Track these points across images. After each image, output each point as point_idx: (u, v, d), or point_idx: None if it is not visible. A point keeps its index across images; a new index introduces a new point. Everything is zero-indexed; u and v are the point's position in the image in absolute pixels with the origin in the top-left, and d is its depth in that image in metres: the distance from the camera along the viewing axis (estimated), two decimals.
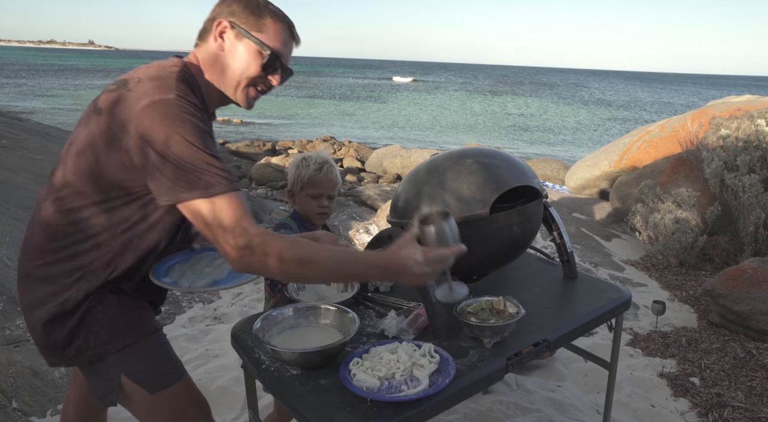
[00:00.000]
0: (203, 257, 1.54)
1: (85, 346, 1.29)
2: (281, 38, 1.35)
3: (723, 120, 5.13)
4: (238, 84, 1.34)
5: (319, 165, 1.88)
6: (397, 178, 9.33)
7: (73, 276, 1.27)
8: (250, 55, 1.32)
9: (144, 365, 1.35)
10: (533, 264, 2.12)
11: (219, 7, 1.34)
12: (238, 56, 1.32)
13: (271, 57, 1.33)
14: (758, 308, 3.08)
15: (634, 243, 4.92)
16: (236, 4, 1.33)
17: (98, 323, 1.29)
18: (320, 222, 1.96)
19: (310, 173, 1.87)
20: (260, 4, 1.34)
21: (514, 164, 1.76)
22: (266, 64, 1.33)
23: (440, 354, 1.37)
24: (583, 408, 2.53)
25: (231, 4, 1.33)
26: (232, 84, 1.34)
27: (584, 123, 24.96)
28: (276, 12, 1.35)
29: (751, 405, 2.52)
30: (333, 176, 1.90)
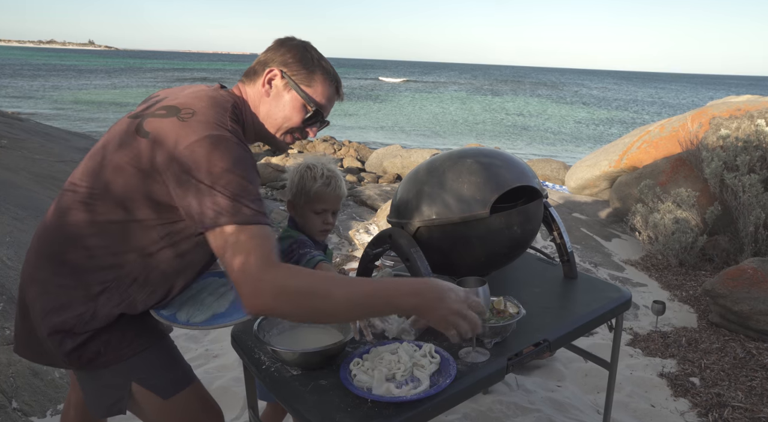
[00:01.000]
0: (207, 284, 1.50)
1: (95, 355, 1.27)
2: (327, 95, 1.38)
3: (723, 120, 5.13)
4: (278, 130, 1.37)
5: (327, 179, 1.74)
6: (397, 178, 9.33)
7: (94, 290, 1.25)
8: (294, 107, 1.35)
9: (156, 371, 1.35)
10: (533, 264, 2.12)
11: (273, 53, 1.36)
12: (283, 105, 1.34)
13: (315, 112, 1.36)
14: (758, 308, 3.08)
15: (634, 243, 4.92)
16: (290, 54, 1.35)
17: (108, 332, 1.28)
18: (321, 238, 1.83)
19: (317, 187, 1.73)
20: (313, 58, 1.36)
21: (514, 164, 1.76)
22: (308, 118, 1.36)
23: (441, 354, 1.37)
24: (583, 408, 2.53)
25: (285, 54, 1.35)
26: (272, 129, 1.37)
27: (584, 123, 24.96)
28: (327, 69, 1.37)
29: (751, 405, 2.52)
30: (341, 192, 1.77)
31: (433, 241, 1.68)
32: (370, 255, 1.78)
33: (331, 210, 1.78)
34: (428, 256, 1.61)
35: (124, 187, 1.20)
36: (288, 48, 1.35)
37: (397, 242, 1.64)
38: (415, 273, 1.58)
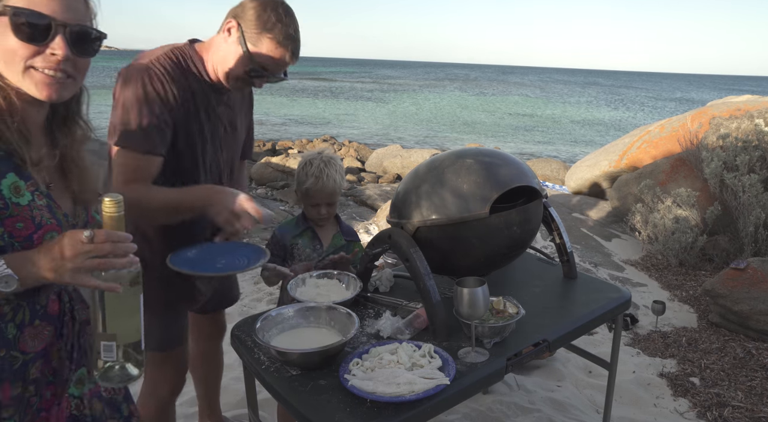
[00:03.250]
0: (221, 248, 1.60)
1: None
2: (273, 56, 1.51)
3: (723, 120, 5.14)
4: (227, 74, 1.55)
5: (317, 178, 1.84)
6: (397, 178, 9.33)
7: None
8: (239, 59, 1.51)
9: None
10: (533, 264, 2.12)
11: (242, 7, 1.51)
12: (232, 54, 1.51)
13: (253, 69, 1.51)
14: (758, 308, 3.08)
15: (634, 243, 4.92)
16: (252, 11, 1.48)
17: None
18: (322, 225, 1.97)
19: (307, 185, 1.86)
20: (270, 20, 1.47)
21: (514, 164, 1.76)
22: (250, 71, 1.52)
23: (440, 354, 1.37)
24: (583, 408, 2.53)
25: (249, 10, 1.49)
26: (223, 72, 1.55)
27: (583, 123, 24.97)
28: (281, 33, 1.48)
29: (750, 404, 2.52)
30: (329, 188, 1.86)
31: (433, 241, 1.68)
32: (369, 255, 1.78)
33: (324, 203, 1.90)
34: (428, 256, 1.61)
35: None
36: (255, 4, 1.49)
37: (397, 242, 1.64)
38: (415, 273, 1.58)
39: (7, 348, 0.99)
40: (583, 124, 24.28)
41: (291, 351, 1.35)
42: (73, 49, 0.96)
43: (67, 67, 0.97)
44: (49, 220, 0.99)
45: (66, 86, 0.99)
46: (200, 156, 1.62)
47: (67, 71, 0.97)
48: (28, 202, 0.97)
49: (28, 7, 0.91)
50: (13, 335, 0.99)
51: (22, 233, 0.95)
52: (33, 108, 1.01)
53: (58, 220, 1.02)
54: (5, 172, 0.95)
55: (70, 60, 0.96)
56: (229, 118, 1.70)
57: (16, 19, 0.90)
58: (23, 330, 1.01)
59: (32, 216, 0.96)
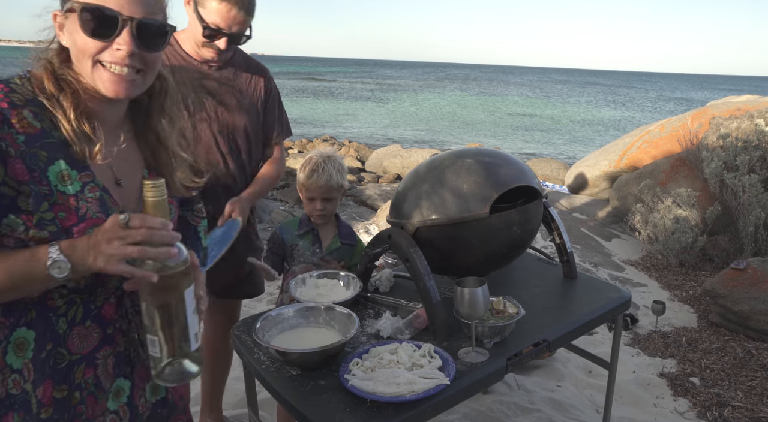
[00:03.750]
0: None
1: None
2: (221, 14, 1.65)
3: (723, 120, 5.14)
4: (197, 43, 1.72)
5: (312, 171, 1.90)
6: (397, 178, 9.33)
7: None
8: (196, 25, 1.69)
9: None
10: (533, 264, 2.12)
11: None
12: (192, 23, 1.71)
13: (206, 28, 1.67)
14: (758, 308, 3.08)
15: (634, 243, 4.92)
16: None
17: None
18: (320, 222, 1.97)
19: (302, 178, 1.93)
20: None
21: (514, 164, 1.76)
22: (205, 32, 1.68)
23: (440, 354, 1.37)
24: (583, 408, 2.53)
25: None
26: (193, 46, 1.74)
27: (583, 123, 24.97)
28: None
29: (750, 404, 2.52)
30: (323, 182, 1.89)
31: (433, 241, 1.68)
32: (369, 255, 1.78)
33: (319, 197, 1.92)
34: (428, 256, 1.61)
35: None
36: None
37: (397, 242, 1.64)
38: (415, 273, 1.58)
39: (55, 342, 0.96)
40: (583, 124, 24.27)
41: (291, 351, 1.35)
42: (140, 43, 0.94)
43: (134, 62, 0.95)
44: (95, 214, 0.95)
45: (135, 83, 0.97)
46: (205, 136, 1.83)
47: (135, 66, 0.96)
48: (75, 192, 0.94)
49: (96, 2, 0.91)
50: (63, 331, 0.97)
51: (63, 222, 0.92)
52: (105, 105, 1.00)
53: (107, 216, 0.96)
54: (54, 159, 0.93)
55: (136, 55, 0.95)
56: (220, 92, 1.84)
57: (84, 15, 0.91)
58: (73, 328, 0.98)
59: (77, 207, 0.93)
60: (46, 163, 0.92)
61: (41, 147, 0.91)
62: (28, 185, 0.90)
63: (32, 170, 0.90)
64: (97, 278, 0.97)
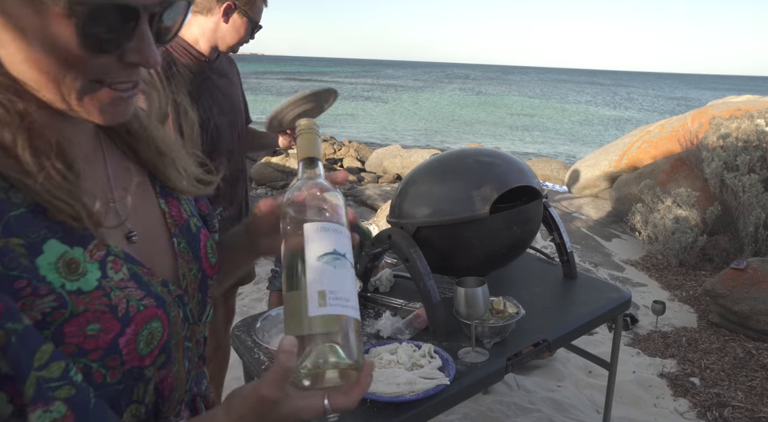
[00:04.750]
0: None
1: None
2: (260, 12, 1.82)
3: (723, 120, 5.13)
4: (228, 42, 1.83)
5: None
6: (397, 178, 9.33)
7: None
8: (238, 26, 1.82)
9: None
10: (533, 264, 2.12)
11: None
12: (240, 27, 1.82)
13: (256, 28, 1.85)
14: (758, 308, 3.08)
15: (634, 243, 4.92)
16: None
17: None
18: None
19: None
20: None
21: (514, 164, 1.76)
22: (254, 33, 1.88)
23: (440, 354, 1.37)
24: (583, 408, 2.53)
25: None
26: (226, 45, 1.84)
27: (583, 123, 24.97)
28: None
29: (751, 405, 2.52)
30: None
31: (433, 241, 1.68)
32: (369, 255, 1.78)
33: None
34: (428, 256, 1.61)
35: None
36: None
37: (397, 242, 1.64)
38: (415, 273, 1.58)
39: None
40: (583, 124, 24.27)
41: None
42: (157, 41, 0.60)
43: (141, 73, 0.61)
44: (140, 303, 0.60)
45: (134, 99, 0.62)
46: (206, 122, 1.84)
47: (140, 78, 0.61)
48: (97, 282, 0.57)
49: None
50: None
51: (100, 341, 0.55)
52: (70, 124, 0.61)
53: (156, 296, 0.62)
54: (41, 242, 0.54)
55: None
56: (222, 85, 1.89)
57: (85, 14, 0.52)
58: None
59: (111, 304, 0.57)
60: (29, 253, 0.53)
61: (6, 231, 0.52)
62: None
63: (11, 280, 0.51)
64: None
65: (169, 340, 0.63)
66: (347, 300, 0.61)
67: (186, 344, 0.69)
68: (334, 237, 0.64)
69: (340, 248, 0.64)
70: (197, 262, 0.73)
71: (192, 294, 0.71)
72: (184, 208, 0.76)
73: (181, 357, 0.68)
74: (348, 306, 0.61)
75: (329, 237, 0.64)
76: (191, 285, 0.71)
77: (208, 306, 0.75)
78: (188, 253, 0.73)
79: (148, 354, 0.60)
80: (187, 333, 0.69)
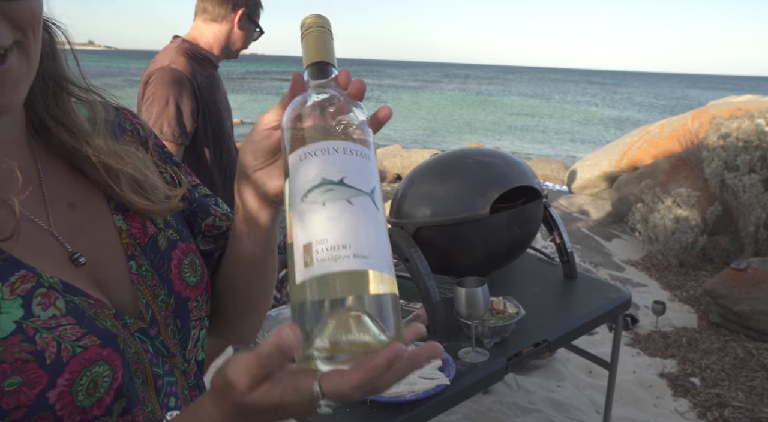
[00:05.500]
0: None
1: None
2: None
3: (723, 120, 5.13)
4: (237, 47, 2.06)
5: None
6: (397, 178, 9.33)
7: None
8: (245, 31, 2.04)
9: None
10: (533, 264, 2.12)
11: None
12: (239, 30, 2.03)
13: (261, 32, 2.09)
14: (758, 308, 3.08)
15: (634, 243, 4.92)
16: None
17: None
18: None
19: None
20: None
21: (515, 164, 1.76)
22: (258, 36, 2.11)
23: None
24: (583, 408, 2.53)
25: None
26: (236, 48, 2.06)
27: (583, 123, 24.97)
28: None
29: (751, 405, 2.52)
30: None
31: (433, 241, 1.67)
32: None
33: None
34: (428, 256, 1.61)
35: None
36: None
37: (397, 242, 1.64)
38: (415, 273, 1.57)
39: None
40: (583, 124, 24.28)
41: None
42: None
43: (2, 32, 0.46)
44: (77, 344, 0.48)
45: (20, 70, 0.48)
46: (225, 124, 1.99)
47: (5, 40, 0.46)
48: (16, 324, 0.45)
49: None
50: None
51: (22, 397, 0.44)
52: None
53: (101, 332, 0.51)
54: None
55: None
56: (223, 89, 2.04)
57: None
58: None
59: (35, 350, 0.46)
60: None
61: None
62: None
63: None
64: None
65: (127, 382, 0.51)
66: (351, 248, 0.41)
67: (166, 379, 0.58)
68: (330, 160, 0.44)
69: (340, 172, 0.43)
70: (165, 285, 0.60)
71: (164, 322, 0.59)
72: (153, 220, 0.63)
73: (155, 396, 0.56)
74: (360, 256, 0.41)
75: (321, 161, 0.44)
76: (161, 313, 0.59)
77: (195, 330, 0.63)
78: (152, 277, 0.59)
79: (95, 405, 0.48)
80: (164, 368, 0.58)
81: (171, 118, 1.70)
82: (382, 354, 0.39)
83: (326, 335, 0.40)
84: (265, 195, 0.58)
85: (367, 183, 0.44)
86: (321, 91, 0.51)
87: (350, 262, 0.41)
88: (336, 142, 0.45)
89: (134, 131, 0.68)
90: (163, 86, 1.71)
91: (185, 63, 1.79)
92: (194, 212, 0.71)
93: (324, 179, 0.43)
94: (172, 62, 1.77)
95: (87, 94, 0.61)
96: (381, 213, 0.45)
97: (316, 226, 0.42)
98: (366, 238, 0.42)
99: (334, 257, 0.41)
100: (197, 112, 1.79)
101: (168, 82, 1.72)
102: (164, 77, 1.73)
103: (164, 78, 1.72)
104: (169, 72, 1.74)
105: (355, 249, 0.41)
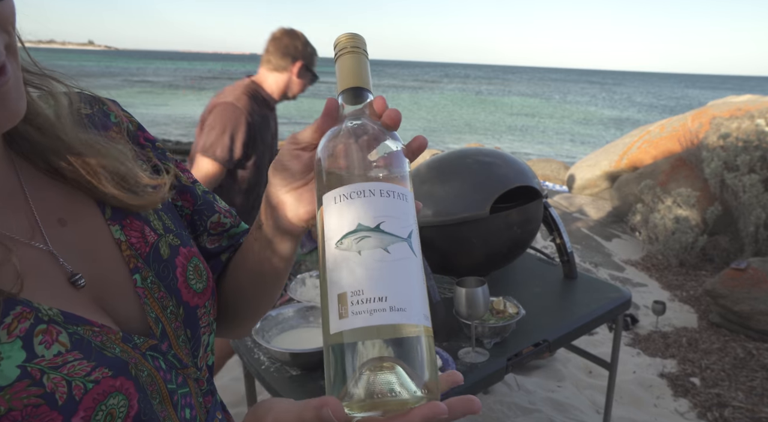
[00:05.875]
0: None
1: None
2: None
3: (723, 120, 5.13)
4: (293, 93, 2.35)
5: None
6: None
7: None
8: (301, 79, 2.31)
9: None
10: (533, 264, 2.12)
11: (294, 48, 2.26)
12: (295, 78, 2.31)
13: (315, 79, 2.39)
14: (758, 308, 3.08)
15: (634, 243, 4.92)
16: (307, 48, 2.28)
17: None
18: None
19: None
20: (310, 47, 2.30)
21: (514, 164, 1.76)
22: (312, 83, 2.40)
23: (440, 354, 1.37)
24: (583, 408, 2.53)
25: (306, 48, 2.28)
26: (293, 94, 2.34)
27: (583, 123, 24.97)
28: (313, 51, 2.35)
29: (751, 405, 2.52)
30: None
31: (434, 241, 1.68)
32: None
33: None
34: (428, 256, 1.61)
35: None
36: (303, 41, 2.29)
37: None
38: None
39: None
40: (583, 124, 24.28)
41: (291, 351, 1.35)
42: None
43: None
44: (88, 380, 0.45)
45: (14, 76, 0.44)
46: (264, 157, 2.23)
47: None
48: (20, 369, 0.41)
49: None
50: None
51: None
52: None
53: (111, 362, 0.47)
54: None
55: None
56: (273, 128, 2.32)
57: None
58: None
59: (45, 393, 0.42)
60: None
61: None
62: None
63: None
64: None
65: (144, 407, 0.49)
66: (388, 301, 0.40)
67: (180, 392, 0.55)
68: (366, 204, 0.42)
69: (376, 218, 0.42)
70: (173, 296, 0.57)
71: (175, 334, 0.56)
72: (151, 226, 0.59)
73: (173, 411, 0.54)
74: (396, 309, 0.40)
75: (357, 205, 0.42)
76: (171, 325, 0.56)
77: (205, 336, 0.61)
78: (159, 289, 0.56)
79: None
80: (178, 381, 0.55)
81: (224, 146, 2.04)
82: (418, 412, 0.38)
83: (361, 386, 0.39)
84: (295, 218, 0.58)
85: (405, 227, 0.44)
86: (356, 120, 0.49)
87: (387, 316, 0.40)
88: (372, 184, 0.44)
89: (120, 124, 0.63)
90: (224, 119, 2.05)
91: (246, 102, 2.10)
92: (199, 209, 0.69)
93: (360, 225, 0.42)
94: (236, 100, 2.09)
95: (43, 81, 0.53)
96: (418, 259, 0.44)
97: (352, 276, 0.41)
98: (403, 289, 0.41)
99: (370, 310, 0.40)
100: (247, 144, 2.10)
101: (228, 117, 2.05)
102: (226, 112, 2.05)
103: (226, 112, 2.05)
104: (231, 108, 2.06)
105: (392, 302, 0.40)
